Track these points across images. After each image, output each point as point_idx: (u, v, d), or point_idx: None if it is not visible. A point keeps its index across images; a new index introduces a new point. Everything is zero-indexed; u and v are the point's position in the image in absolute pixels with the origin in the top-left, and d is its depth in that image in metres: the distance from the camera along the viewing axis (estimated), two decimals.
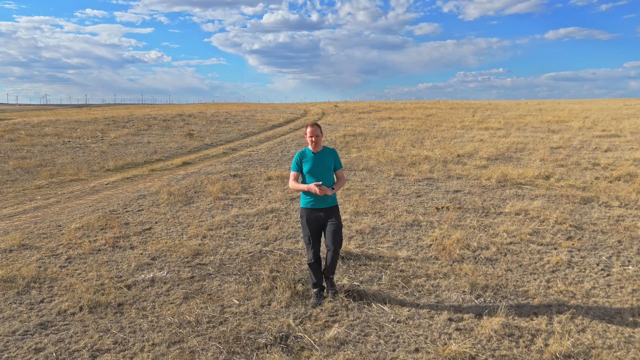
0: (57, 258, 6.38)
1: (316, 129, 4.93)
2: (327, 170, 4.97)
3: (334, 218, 4.92)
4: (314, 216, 4.94)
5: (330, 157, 5.02)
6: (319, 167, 4.93)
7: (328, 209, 4.94)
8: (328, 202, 4.94)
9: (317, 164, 4.93)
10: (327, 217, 4.93)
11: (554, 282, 5.26)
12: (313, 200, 4.92)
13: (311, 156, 4.97)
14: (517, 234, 6.91)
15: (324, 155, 5.00)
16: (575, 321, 4.39)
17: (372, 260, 6.04)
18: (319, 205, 4.92)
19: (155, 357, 3.93)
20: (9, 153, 16.65)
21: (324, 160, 4.96)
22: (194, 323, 4.50)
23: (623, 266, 5.68)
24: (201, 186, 10.87)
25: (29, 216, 8.79)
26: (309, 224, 4.95)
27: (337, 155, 5.09)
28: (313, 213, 4.93)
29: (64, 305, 4.89)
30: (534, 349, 3.93)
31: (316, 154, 4.98)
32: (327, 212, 4.93)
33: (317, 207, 4.93)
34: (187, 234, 7.30)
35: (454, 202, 8.90)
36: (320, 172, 4.92)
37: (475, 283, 5.17)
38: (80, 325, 4.51)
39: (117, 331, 4.38)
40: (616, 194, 9.08)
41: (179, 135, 21.81)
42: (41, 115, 40.92)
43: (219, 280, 5.54)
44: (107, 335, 4.31)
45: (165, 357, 3.92)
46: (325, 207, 4.93)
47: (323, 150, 5.03)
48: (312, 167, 4.92)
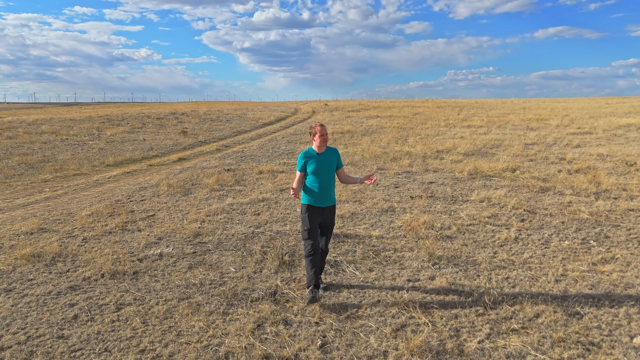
0: (75, 239, 7.29)
1: (325, 128, 5.12)
2: (330, 171, 5.11)
3: (332, 217, 5.21)
4: (316, 213, 5.09)
5: (333, 157, 5.17)
6: (323, 167, 5.05)
7: (329, 208, 5.16)
8: (330, 200, 5.14)
9: (321, 164, 5.05)
10: (327, 216, 5.15)
11: (499, 253, 6.27)
12: (317, 198, 5.07)
13: (315, 157, 5.08)
14: (477, 217, 7.93)
15: (327, 156, 5.13)
16: (509, 280, 5.40)
17: (349, 238, 7.02)
18: (322, 204, 5.09)
19: (168, 308, 4.88)
20: (11, 150, 17.45)
21: (327, 161, 5.09)
22: (199, 285, 5.46)
23: (560, 241, 6.70)
24: (197, 179, 11.79)
25: (41, 205, 9.68)
26: (310, 218, 5.07)
27: (339, 154, 5.27)
28: (315, 210, 5.08)
29: (88, 274, 5.82)
30: (472, 299, 4.93)
31: (320, 155, 5.10)
32: (327, 211, 5.14)
33: (320, 206, 5.10)
34: (187, 219, 8.23)
35: (427, 192, 9.90)
36: (324, 173, 5.06)
37: (433, 254, 6.17)
38: (104, 287, 5.45)
39: (135, 291, 5.32)
40: (571, 184, 10.13)
41: (173, 133, 22.68)
42: (32, 114, 41.46)
43: (218, 254, 6.49)
44: (127, 294, 5.26)
45: (177, 308, 4.87)
46: (327, 205, 5.14)
47: (327, 151, 5.17)
48: (317, 167, 5.03)
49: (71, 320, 4.65)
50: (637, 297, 4.92)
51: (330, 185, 5.11)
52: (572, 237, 6.85)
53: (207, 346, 4.13)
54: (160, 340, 4.26)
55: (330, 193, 5.12)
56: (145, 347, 4.15)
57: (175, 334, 4.36)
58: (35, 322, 4.62)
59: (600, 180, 10.24)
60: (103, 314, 4.79)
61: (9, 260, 6.30)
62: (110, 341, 4.25)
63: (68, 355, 4.02)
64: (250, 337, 4.26)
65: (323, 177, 5.04)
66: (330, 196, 5.13)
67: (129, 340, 4.27)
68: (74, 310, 4.86)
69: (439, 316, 4.58)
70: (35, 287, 5.47)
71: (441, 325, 4.41)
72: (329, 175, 5.09)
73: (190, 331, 4.40)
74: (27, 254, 6.43)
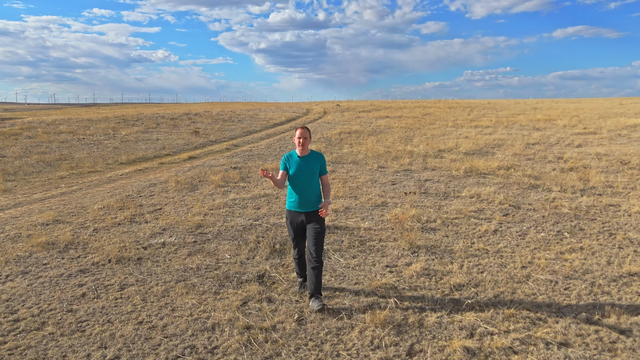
0: (86, 229, 7.89)
1: (305, 131, 4.92)
2: (311, 175, 4.94)
3: (316, 222, 4.91)
4: (296, 219, 4.98)
5: (316, 162, 4.98)
6: (304, 171, 4.91)
7: (310, 213, 4.94)
8: (310, 205, 4.94)
9: (301, 168, 4.91)
10: (309, 221, 4.93)
11: (476, 243, 6.72)
12: (296, 203, 4.96)
13: (296, 160, 4.95)
14: (463, 212, 8.37)
15: (310, 160, 4.96)
16: (479, 266, 5.85)
17: (339, 230, 7.51)
18: (301, 208, 4.95)
19: (166, 288, 5.43)
20: (30, 148, 18.25)
21: (309, 165, 4.93)
22: (195, 269, 6.00)
23: (537, 233, 7.13)
24: (205, 176, 12.37)
25: (57, 200, 10.33)
26: (291, 225, 5.03)
27: (324, 160, 5.06)
28: (295, 216, 4.98)
29: (96, 259, 6.40)
30: (440, 282, 5.40)
31: (302, 158, 4.95)
32: (308, 216, 4.94)
33: (299, 210, 4.96)
34: (191, 212, 8.79)
35: (421, 188, 10.35)
36: (303, 177, 4.92)
37: (414, 243, 6.64)
38: (110, 271, 6.01)
39: (138, 274, 5.88)
40: (561, 181, 10.50)
41: (185, 133, 23.36)
42: (51, 114, 42.63)
43: (216, 243, 7.03)
44: (130, 276, 5.82)
45: (174, 288, 5.42)
46: (307, 210, 4.94)
47: (310, 155, 5.00)
48: (296, 171, 4.91)
49: (79, 298, 5.22)
50: (591, 280, 5.35)
51: (311, 189, 4.94)
52: (549, 230, 7.27)
53: (197, 319, 4.67)
54: (156, 314, 4.80)
55: (310, 197, 4.94)
56: (143, 319, 4.69)
57: (170, 309, 4.90)
58: (48, 299, 5.20)
59: (589, 178, 10.60)
60: (108, 292, 5.35)
61: (26, 247, 6.91)
62: (113, 314, 4.80)
63: (75, 326, 4.58)
64: (236, 311, 4.78)
65: (302, 182, 4.91)
66: (311, 201, 4.95)
67: (129, 314, 4.82)
68: (82, 290, 5.43)
69: (408, 296, 5.06)
70: (49, 270, 6.06)
71: (408, 303, 4.89)
72: (310, 180, 4.94)
73: (184, 307, 4.94)
74: (42, 242, 7.02)
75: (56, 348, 4.17)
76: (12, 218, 8.69)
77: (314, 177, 4.98)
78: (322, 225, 4.92)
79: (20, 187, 11.83)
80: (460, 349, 3.95)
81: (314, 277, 4.79)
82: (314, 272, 4.79)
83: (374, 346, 4.10)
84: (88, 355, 4.04)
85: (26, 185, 12.11)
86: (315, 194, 4.99)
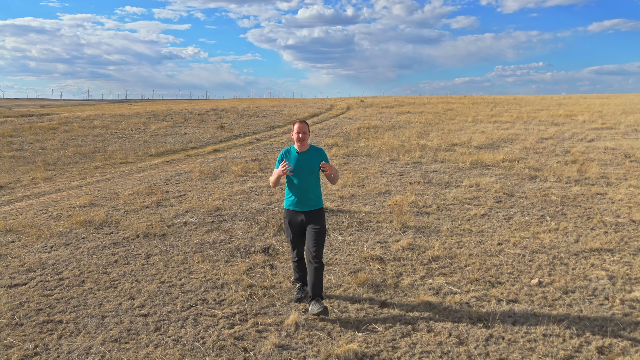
0: (118, 211, 8.88)
1: (304, 125, 4.73)
2: (311, 172, 4.73)
3: (316, 222, 4.71)
4: (295, 219, 4.78)
5: (316, 158, 4.75)
6: (303, 167, 4.70)
7: (309, 212, 4.74)
8: (310, 204, 4.74)
9: (300, 164, 4.70)
10: (309, 221, 4.73)
11: (463, 225, 7.45)
12: (295, 202, 4.76)
13: (295, 156, 4.74)
14: (459, 199, 9.07)
15: (310, 155, 4.75)
16: (460, 243, 6.59)
17: (342, 213, 8.32)
18: (300, 207, 4.74)
19: (185, 257, 6.33)
20: (67, 141, 19.55)
21: (309, 161, 4.72)
22: (211, 243, 6.90)
23: (521, 217, 7.80)
24: (226, 167, 13.31)
25: (92, 187, 11.39)
26: (291, 225, 4.82)
27: (326, 155, 4.79)
28: (294, 215, 4.79)
29: (127, 234, 7.36)
30: (422, 255, 6.17)
31: (300, 154, 4.74)
32: (308, 216, 4.74)
33: (298, 210, 4.76)
34: (212, 198, 9.71)
35: (425, 178, 11.07)
36: (302, 173, 4.70)
37: (406, 224, 7.41)
38: (138, 243, 6.96)
39: (162, 246, 6.81)
40: (559, 172, 11.08)
41: (211, 128, 24.44)
42: (86, 110, 44.44)
43: (231, 223, 7.92)
44: (155, 248, 6.75)
45: (191, 257, 6.32)
46: (307, 210, 4.74)
47: (309, 150, 4.78)
48: (295, 167, 4.69)
49: (112, 263, 6.16)
50: (555, 254, 6.04)
51: (311, 187, 4.73)
52: (533, 214, 7.94)
53: (209, 280, 5.55)
54: (176, 276, 5.70)
55: (310, 195, 4.73)
56: (164, 279, 5.60)
57: (188, 272, 5.80)
58: (86, 264, 6.16)
59: (586, 170, 11.14)
60: (136, 260, 6.29)
61: (67, 225, 7.92)
62: (140, 276, 5.73)
63: (109, 283, 5.51)
64: (242, 274, 5.65)
65: (301, 178, 4.70)
66: (310, 199, 4.74)
67: (153, 275, 5.73)
68: (115, 257, 6.38)
69: (390, 264, 5.85)
70: (87, 243, 7.03)
71: (389, 269, 5.68)
72: (309, 176, 4.73)
73: (199, 271, 5.83)
74: (80, 221, 8.02)
75: (94, 298, 5.11)
76: (54, 201, 9.76)
77: (314, 174, 4.77)
78: (323, 225, 4.74)
79: (59, 176, 12.98)
80: (424, 302, 4.73)
81: (314, 278, 4.59)
82: (315, 274, 4.59)
83: (353, 300, 4.92)
84: (120, 304, 4.96)
85: (65, 174, 13.26)
86: (316, 192, 4.79)
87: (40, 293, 5.26)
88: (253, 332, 4.34)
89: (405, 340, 4.13)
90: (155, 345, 4.14)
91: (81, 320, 4.62)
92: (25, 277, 5.72)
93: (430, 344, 4.07)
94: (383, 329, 4.32)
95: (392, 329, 4.32)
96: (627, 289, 5.00)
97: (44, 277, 5.70)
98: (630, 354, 3.84)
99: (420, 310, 4.66)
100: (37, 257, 6.41)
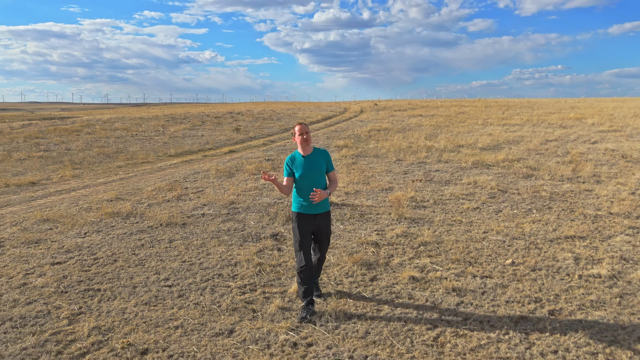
0: (142, 204, 9.75)
1: (305, 127, 4.78)
2: (319, 174, 4.76)
3: (327, 228, 4.85)
4: (307, 222, 4.77)
5: (322, 159, 4.80)
6: (311, 171, 4.72)
7: (321, 215, 4.80)
8: (321, 208, 4.78)
9: (308, 168, 4.71)
10: (320, 224, 4.80)
11: (455, 216, 8.16)
12: (306, 205, 4.74)
13: (301, 160, 4.75)
14: (455, 194, 9.78)
15: (315, 158, 4.78)
16: (449, 231, 7.31)
17: (346, 207, 9.08)
18: (312, 210, 4.75)
19: (203, 242, 7.14)
20: (91, 143, 20.60)
21: (315, 163, 4.75)
22: (226, 230, 7.71)
23: (510, 210, 8.49)
24: (241, 166, 14.15)
25: (117, 183, 12.31)
26: (300, 228, 4.76)
27: (329, 156, 4.87)
28: (306, 219, 4.76)
29: (151, 224, 8.20)
30: (413, 240, 6.91)
31: (306, 158, 4.76)
32: (320, 219, 4.80)
33: (310, 213, 4.76)
34: (227, 193, 10.53)
35: (427, 176, 11.78)
36: (312, 176, 4.72)
37: (402, 215, 8.15)
38: (162, 231, 7.79)
39: (182, 234, 7.63)
40: (555, 171, 11.71)
41: (227, 130, 25.38)
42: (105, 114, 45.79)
43: (244, 214, 8.73)
44: (177, 234, 7.58)
45: (209, 242, 7.13)
46: (319, 212, 4.78)
47: (313, 152, 4.82)
48: (304, 172, 4.70)
49: (139, 247, 7.00)
50: (532, 240, 6.74)
51: (320, 188, 4.70)
52: (522, 208, 8.62)
53: (224, 259, 6.36)
54: (195, 256, 6.52)
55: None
56: (185, 259, 6.42)
57: (206, 254, 6.61)
58: (117, 247, 7.00)
59: (581, 169, 11.76)
60: (160, 244, 7.12)
61: (97, 215, 8.79)
62: (164, 256, 6.55)
63: (138, 262, 6.35)
64: (253, 255, 6.45)
65: (312, 181, 4.70)
66: (322, 201, 4.77)
67: (176, 256, 6.56)
68: (142, 242, 7.22)
69: (384, 248, 6.61)
70: (116, 230, 7.89)
71: (382, 252, 6.43)
72: (319, 178, 4.75)
73: (216, 253, 6.64)
74: (109, 212, 8.89)
75: (126, 273, 5.94)
76: (83, 196, 10.67)
77: (322, 175, 4.80)
78: (330, 228, 4.96)
79: (86, 174, 13.93)
80: (408, 277, 5.48)
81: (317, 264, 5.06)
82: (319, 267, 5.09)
83: (348, 275, 5.69)
84: (147, 277, 5.79)
85: (91, 172, 14.22)
86: None
87: (80, 269, 6.12)
88: (261, 298, 5.13)
89: (388, 304, 4.89)
90: (179, 307, 4.95)
91: (116, 289, 5.45)
92: (65, 257, 6.58)
93: (409, 307, 4.82)
94: (371, 296, 5.08)
95: (379, 297, 5.08)
96: (588, 268, 5.70)
97: (81, 257, 6.56)
98: (576, 314, 4.55)
99: (404, 283, 5.41)
100: (74, 241, 7.28)
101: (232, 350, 4.10)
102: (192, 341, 4.26)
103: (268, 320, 4.65)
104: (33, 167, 14.98)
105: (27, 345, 4.24)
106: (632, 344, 4.05)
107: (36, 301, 5.18)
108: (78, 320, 4.73)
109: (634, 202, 8.57)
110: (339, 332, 4.37)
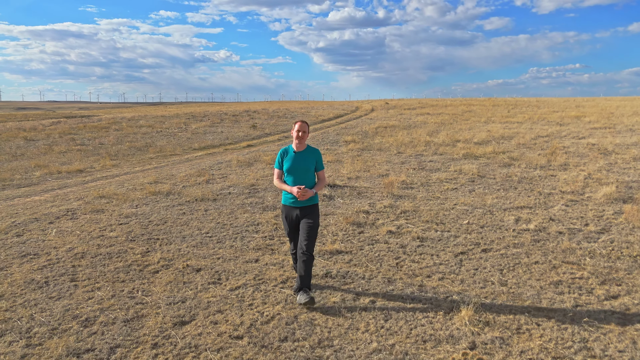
0: (177, 186, 11.70)
1: (304, 125, 4.98)
2: (306, 171, 4.97)
3: (310, 217, 4.94)
4: (291, 214, 5.04)
5: (312, 158, 5.02)
6: (299, 166, 4.94)
7: (305, 208, 4.99)
8: (307, 201, 4.97)
9: (297, 163, 4.95)
10: (303, 215, 4.97)
11: (434, 194, 9.98)
12: (292, 198, 4.98)
13: (292, 155, 4.98)
14: (440, 179, 11.58)
15: (306, 155, 5.01)
16: (427, 204, 9.15)
17: (347, 188, 10.94)
18: (296, 203, 4.96)
19: (232, 210, 9.05)
20: (121, 138, 22.71)
21: (304, 160, 4.98)
22: (249, 203, 9.62)
23: (483, 190, 10.29)
24: (259, 157, 16.08)
25: (152, 171, 14.30)
26: (287, 220, 5.11)
27: (320, 156, 5.08)
28: (290, 210, 5.04)
29: (188, 199, 10.13)
30: (396, 210, 8.75)
31: (297, 153, 4.99)
32: (303, 211, 4.99)
33: (294, 205, 4.99)
34: (248, 178, 12.45)
35: (420, 165, 13.59)
36: (299, 172, 4.96)
37: (391, 193, 9.99)
38: (197, 204, 9.72)
39: (215, 206, 9.55)
40: (531, 161, 13.45)
41: (245, 127, 27.37)
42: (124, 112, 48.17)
43: (263, 193, 10.63)
44: (210, 206, 9.50)
45: (236, 211, 9.04)
46: (302, 205, 4.97)
47: (306, 150, 5.04)
48: (292, 166, 4.94)
49: (181, 215, 8.94)
50: (489, 209, 8.53)
51: (306, 185, 4.96)
52: (492, 189, 10.42)
53: (249, 221, 8.27)
54: (227, 219, 8.43)
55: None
56: (219, 221, 8.34)
57: (234, 218, 8.53)
58: (164, 215, 8.94)
59: (554, 159, 13.49)
60: (198, 213, 9.05)
61: (142, 194, 10.76)
62: (202, 219, 8.48)
63: (183, 222, 8.28)
64: (271, 218, 8.34)
65: (297, 177, 4.96)
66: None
67: (211, 219, 8.48)
68: (183, 211, 9.16)
69: (372, 214, 8.47)
70: (160, 203, 9.85)
71: (371, 217, 8.30)
72: (305, 175, 4.98)
73: (242, 217, 8.55)
74: (152, 191, 10.85)
75: (176, 229, 7.89)
76: (127, 180, 12.68)
77: (309, 173, 5.01)
78: (316, 220, 4.97)
79: (123, 164, 15.97)
80: (386, 231, 7.35)
81: (303, 270, 4.82)
82: (304, 266, 4.82)
83: (342, 230, 7.56)
84: (192, 232, 7.72)
85: (127, 163, 16.26)
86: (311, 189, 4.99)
87: (140, 227, 8.07)
88: (277, 242, 7.04)
89: (369, 246, 6.77)
90: (219, 248, 6.87)
91: (171, 238, 7.39)
92: (126, 220, 8.55)
93: (382, 250, 6.69)
94: (357, 242, 6.96)
95: (363, 242, 6.95)
96: (524, 226, 7.51)
97: (138, 220, 8.52)
98: (500, 251, 6.37)
99: (383, 234, 7.28)
100: (129, 210, 9.25)
101: (258, 268, 6.01)
102: (230, 265, 6.18)
103: (282, 254, 6.55)
104: (75, 158, 17.07)
105: (118, 266, 6.19)
106: (531, 266, 5.88)
107: (114, 245, 7.12)
108: (148, 254, 6.67)
109: (584, 183, 10.33)
110: (330, 258, 6.25)
